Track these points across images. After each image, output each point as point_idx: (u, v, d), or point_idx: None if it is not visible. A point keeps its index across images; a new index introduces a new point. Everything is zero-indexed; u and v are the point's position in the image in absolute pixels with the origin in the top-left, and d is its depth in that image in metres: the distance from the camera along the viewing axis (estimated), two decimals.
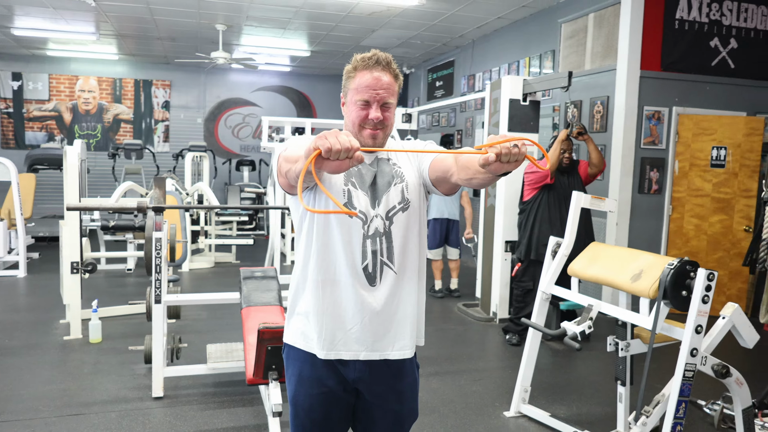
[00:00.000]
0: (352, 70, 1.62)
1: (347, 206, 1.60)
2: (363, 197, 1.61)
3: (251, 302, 3.37)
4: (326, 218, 1.60)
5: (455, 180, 1.59)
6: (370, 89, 1.58)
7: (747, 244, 5.56)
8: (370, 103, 1.58)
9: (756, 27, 5.61)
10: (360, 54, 1.64)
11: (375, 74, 1.58)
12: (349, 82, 1.62)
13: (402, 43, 8.62)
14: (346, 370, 1.64)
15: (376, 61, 1.59)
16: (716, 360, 2.44)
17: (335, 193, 1.60)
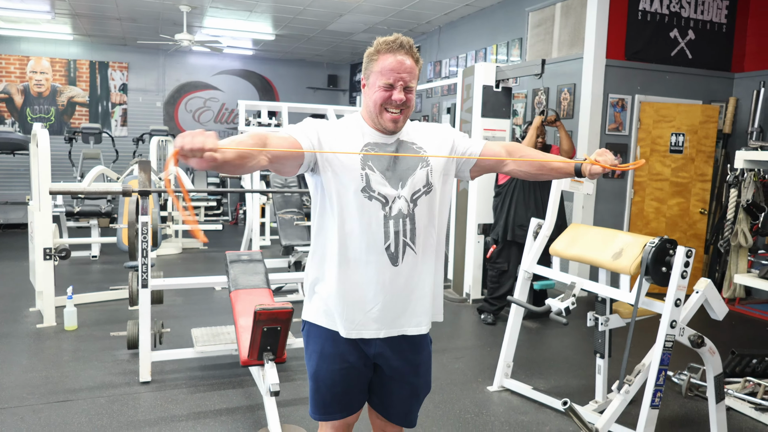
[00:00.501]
0: (374, 53, 1.66)
1: (366, 189, 1.64)
2: (381, 180, 1.65)
3: (239, 285, 3.38)
4: (345, 199, 1.64)
5: (508, 170, 1.85)
6: (394, 72, 1.62)
7: (702, 226, 5.89)
8: (393, 86, 1.63)
9: (712, 19, 5.89)
10: (382, 37, 1.68)
11: (398, 57, 1.63)
12: (372, 64, 1.67)
13: (368, 28, 8.62)
14: (367, 347, 1.71)
15: (399, 44, 1.64)
16: (693, 331, 2.62)
17: (351, 178, 1.63)
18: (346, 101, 12.15)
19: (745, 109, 5.91)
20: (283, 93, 11.72)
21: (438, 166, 1.73)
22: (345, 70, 12.23)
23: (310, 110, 6.01)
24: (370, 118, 1.71)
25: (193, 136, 1.28)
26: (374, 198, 1.64)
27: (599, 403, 3.15)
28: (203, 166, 1.35)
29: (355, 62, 11.73)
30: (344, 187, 1.63)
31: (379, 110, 1.66)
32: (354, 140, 1.68)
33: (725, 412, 2.80)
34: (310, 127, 1.68)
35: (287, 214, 5.48)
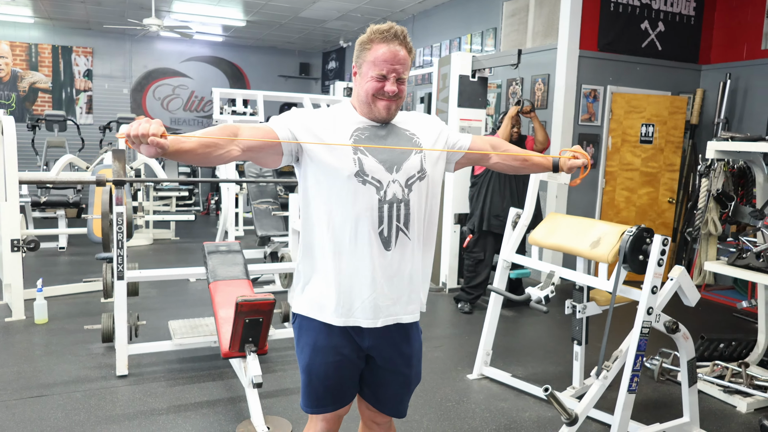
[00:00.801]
0: (367, 41, 1.65)
1: (359, 174, 1.63)
2: (375, 164, 1.64)
3: (218, 276, 3.34)
4: (337, 186, 1.63)
5: (493, 163, 1.93)
6: (387, 63, 1.62)
7: (671, 215, 6.04)
8: (386, 77, 1.63)
9: (681, 12, 6.01)
10: (375, 25, 1.67)
11: (392, 48, 1.62)
12: (365, 53, 1.65)
13: (342, 15, 8.54)
14: (361, 338, 1.70)
15: (394, 34, 1.62)
16: (668, 317, 2.69)
17: (344, 163, 1.62)
18: (318, 90, 12.04)
19: (711, 101, 6.06)
20: (254, 81, 11.56)
21: (432, 153, 1.74)
22: (317, 58, 12.11)
23: (284, 99, 5.94)
24: (360, 107, 1.70)
25: (138, 123, 1.32)
26: (368, 182, 1.63)
27: (577, 388, 3.22)
28: (151, 153, 1.36)
29: (328, 50, 11.63)
30: (336, 173, 1.62)
31: (372, 99, 1.65)
32: (343, 126, 1.67)
33: (697, 395, 2.89)
34: (293, 117, 1.66)
35: (262, 204, 5.43)
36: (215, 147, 1.49)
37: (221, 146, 1.51)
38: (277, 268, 3.85)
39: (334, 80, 11.13)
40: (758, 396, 3.23)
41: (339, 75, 11.04)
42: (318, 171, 1.64)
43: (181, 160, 1.50)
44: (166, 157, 1.44)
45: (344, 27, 9.39)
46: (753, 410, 3.18)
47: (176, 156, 1.43)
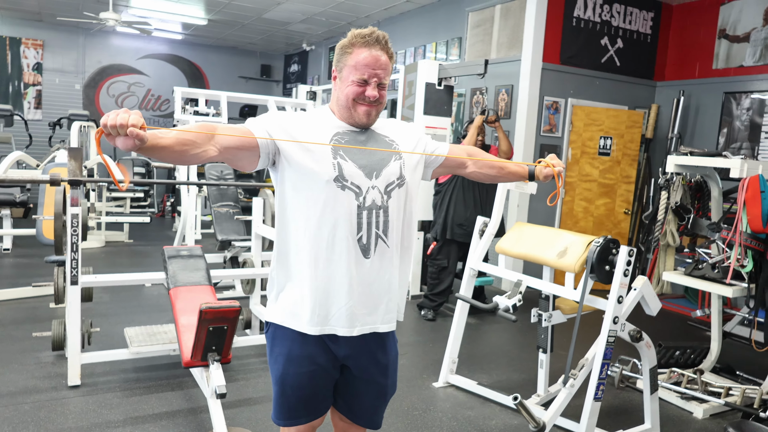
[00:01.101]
0: (348, 45, 1.62)
1: (338, 179, 1.60)
2: (355, 170, 1.61)
3: (179, 282, 3.23)
4: (315, 189, 1.59)
5: (469, 172, 1.93)
6: (368, 68, 1.60)
7: (626, 225, 6.22)
8: (367, 82, 1.60)
9: (638, 30, 6.21)
10: (356, 29, 1.64)
11: (374, 53, 1.60)
12: (346, 57, 1.62)
13: (306, 18, 8.47)
14: (337, 347, 1.66)
15: (375, 39, 1.61)
16: (632, 326, 2.74)
17: (323, 167, 1.59)
18: (279, 92, 11.90)
19: (665, 116, 6.27)
20: (214, 81, 11.33)
21: (410, 161, 1.73)
22: (279, 60, 11.98)
23: (247, 100, 5.83)
24: (339, 112, 1.67)
25: (116, 113, 1.26)
26: (347, 188, 1.60)
27: (541, 396, 3.25)
28: (128, 146, 1.30)
29: (290, 53, 11.51)
30: (314, 177, 1.59)
31: (352, 104, 1.63)
32: (323, 131, 1.64)
33: (658, 402, 2.96)
34: (271, 118, 1.62)
35: (223, 208, 5.30)
36: (192, 145, 1.44)
37: (198, 145, 1.45)
38: (240, 274, 3.76)
39: (296, 83, 11.01)
40: (713, 402, 3.33)
41: (301, 78, 10.94)
42: (295, 175, 1.61)
43: (156, 157, 1.43)
44: (141, 153, 1.36)
45: (308, 30, 9.32)
46: (709, 416, 3.28)
47: (152, 152, 1.36)
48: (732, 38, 5.82)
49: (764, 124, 5.51)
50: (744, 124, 5.67)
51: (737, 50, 5.76)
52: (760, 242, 3.11)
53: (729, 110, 5.80)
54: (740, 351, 4.22)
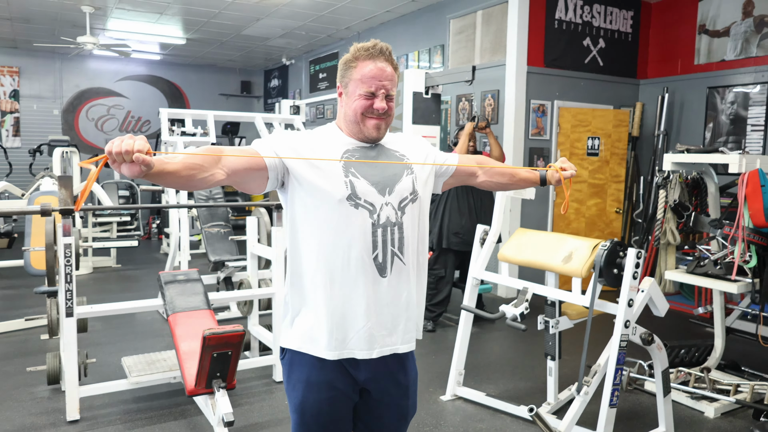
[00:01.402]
0: (352, 59, 1.59)
1: (351, 197, 1.55)
2: (368, 187, 1.57)
3: (178, 308, 3.14)
4: (331, 210, 1.55)
5: (480, 182, 1.88)
6: (375, 80, 1.56)
7: (618, 225, 6.23)
8: (375, 94, 1.56)
9: (619, 29, 6.25)
10: (358, 43, 1.61)
11: (379, 65, 1.57)
12: (351, 71, 1.58)
13: (286, 33, 8.43)
14: (357, 371, 1.61)
15: (379, 51, 1.58)
16: (643, 329, 2.71)
17: (335, 186, 1.54)
18: (261, 108, 11.83)
19: (650, 114, 6.31)
20: (194, 100, 11.23)
21: (422, 174, 1.69)
22: (259, 76, 11.91)
23: (232, 118, 5.76)
24: (348, 128, 1.63)
25: (121, 140, 1.21)
26: (361, 206, 1.56)
27: (552, 404, 3.20)
28: (134, 172, 1.24)
29: (269, 68, 11.45)
30: (326, 196, 1.54)
31: (361, 118, 1.59)
32: (332, 149, 1.59)
33: (671, 404, 2.93)
34: (278, 139, 1.57)
35: (213, 228, 5.21)
36: (200, 169, 1.38)
37: (206, 168, 1.40)
38: (238, 296, 3.68)
39: (278, 98, 10.96)
40: (724, 400, 3.31)
41: (282, 93, 10.88)
42: (306, 195, 1.55)
43: (163, 183, 1.37)
44: (147, 179, 1.30)
45: (288, 45, 9.27)
46: (720, 415, 3.25)
47: (158, 177, 1.31)
48: (712, 33, 5.88)
49: (749, 117, 5.56)
50: (729, 118, 5.72)
51: (718, 45, 5.82)
52: (762, 236, 3.10)
53: (713, 105, 5.85)
54: (743, 346, 4.21)
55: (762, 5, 5.45)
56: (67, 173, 6.60)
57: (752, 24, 5.54)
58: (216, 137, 5.08)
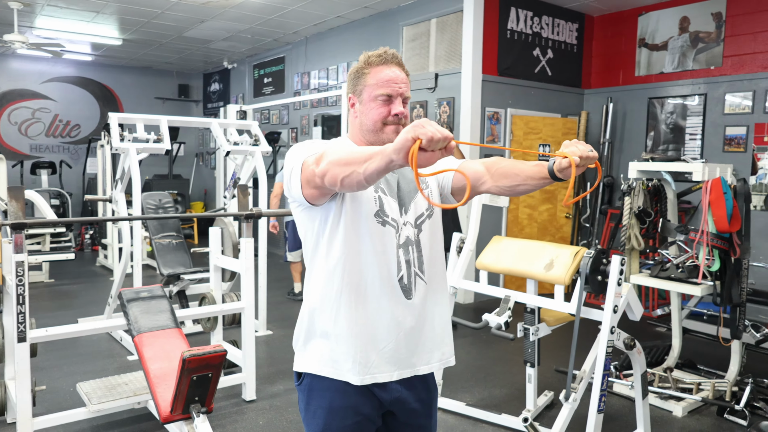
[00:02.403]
0: (365, 66, 1.52)
1: (379, 214, 1.48)
2: (393, 204, 1.52)
3: (143, 328, 2.92)
4: (357, 228, 1.46)
5: (487, 188, 1.63)
6: (391, 83, 1.50)
7: (568, 229, 6.41)
8: (392, 98, 1.49)
9: (565, 40, 6.45)
10: (368, 51, 1.54)
11: (393, 69, 1.52)
12: (364, 78, 1.51)
13: (230, 36, 8.18)
14: (383, 393, 1.52)
15: (392, 56, 1.54)
16: (626, 334, 2.76)
17: (366, 201, 1.47)
18: (200, 113, 11.43)
19: (595, 122, 6.55)
20: (128, 103, 10.71)
21: (436, 187, 1.62)
22: (197, 79, 11.51)
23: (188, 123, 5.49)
24: (365, 139, 1.54)
25: (431, 124, 1.12)
26: (387, 223, 1.49)
27: (531, 411, 3.21)
28: (431, 162, 1.15)
29: (209, 71, 11.09)
30: (357, 213, 1.46)
31: (380, 127, 1.51)
32: None
33: (649, 407, 3.00)
34: (347, 147, 1.48)
35: (164, 239, 4.93)
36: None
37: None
38: (206, 312, 3.48)
39: (218, 103, 10.64)
40: (689, 399, 3.43)
41: (223, 97, 10.55)
42: (343, 209, 1.46)
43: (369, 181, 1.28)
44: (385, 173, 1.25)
45: (231, 48, 9.00)
46: (687, 413, 3.37)
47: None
48: (651, 47, 6.17)
49: (687, 126, 5.87)
50: (669, 127, 6.01)
51: (657, 58, 6.12)
52: (724, 241, 3.24)
53: (654, 114, 6.14)
54: (695, 345, 4.41)
55: (697, 22, 5.77)
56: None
57: (688, 39, 5.86)
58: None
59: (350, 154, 1.29)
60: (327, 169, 1.32)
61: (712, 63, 5.67)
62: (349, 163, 1.27)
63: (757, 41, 5.35)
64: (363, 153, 1.26)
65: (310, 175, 1.37)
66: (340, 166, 1.29)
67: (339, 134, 8.36)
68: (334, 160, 1.31)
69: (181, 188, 9.97)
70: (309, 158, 1.39)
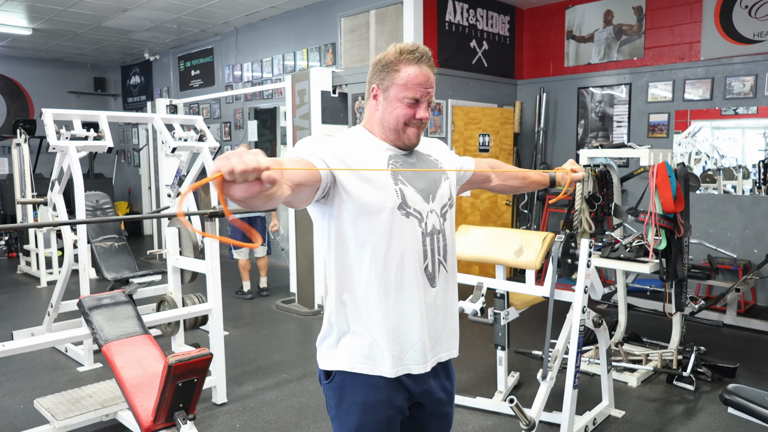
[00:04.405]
0: (395, 62, 1.50)
1: (402, 206, 1.48)
2: (415, 195, 1.52)
3: (110, 336, 2.77)
4: (382, 221, 1.46)
5: (493, 185, 1.89)
6: (421, 87, 1.50)
7: (509, 216, 6.64)
8: (419, 102, 1.50)
9: (499, 32, 6.65)
10: (398, 44, 1.53)
11: (423, 70, 1.51)
12: (393, 75, 1.50)
13: (155, 26, 7.80)
14: (414, 385, 1.54)
15: (423, 54, 1.51)
16: (594, 313, 2.92)
17: (387, 193, 1.46)
18: (119, 107, 10.84)
19: (529, 112, 6.80)
20: (38, 98, 9.98)
21: (453, 179, 1.67)
22: (115, 72, 10.89)
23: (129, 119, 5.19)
24: (384, 134, 1.54)
25: (239, 155, 1.01)
26: (411, 215, 1.50)
27: (503, 392, 3.34)
28: (254, 192, 1.05)
29: (128, 63, 10.52)
30: (377, 207, 1.45)
31: (402, 127, 1.51)
32: (376, 156, 1.51)
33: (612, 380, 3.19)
34: (319, 145, 1.44)
35: (105, 242, 4.67)
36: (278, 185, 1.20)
37: (280, 184, 1.22)
38: (174, 316, 3.33)
39: (140, 96, 10.14)
40: (641, 369, 3.68)
41: (145, 91, 10.06)
42: (355, 207, 1.45)
43: (252, 204, 1.17)
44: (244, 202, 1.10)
45: (153, 38, 8.59)
46: (641, 383, 3.61)
47: (258, 199, 1.12)
48: (579, 39, 6.49)
49: (615, 114, 6.23)
50: (598, 115, 6.35)
51: (584, 49, 6.44)
52: (670, 221, 3.49)
53: (584, 103, 6.46)
54: (636, 320, 4.72)
55: (620, 15, 6.12)
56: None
57: (612, 32, 6.21)
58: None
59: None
60: None
61: (635, 54, 6.03)
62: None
63: (675, 34, 5.76)
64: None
65: None
66: None
67: (273, 128, 8.21)
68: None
69: (104, 188, 9.38)
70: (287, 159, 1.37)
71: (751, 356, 4.02)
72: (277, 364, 3.98)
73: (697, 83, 5.56)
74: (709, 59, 5.45)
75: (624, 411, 3.21)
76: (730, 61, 5.32)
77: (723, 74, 5.37)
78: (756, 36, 5.19)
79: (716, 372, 3.64)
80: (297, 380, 3.68)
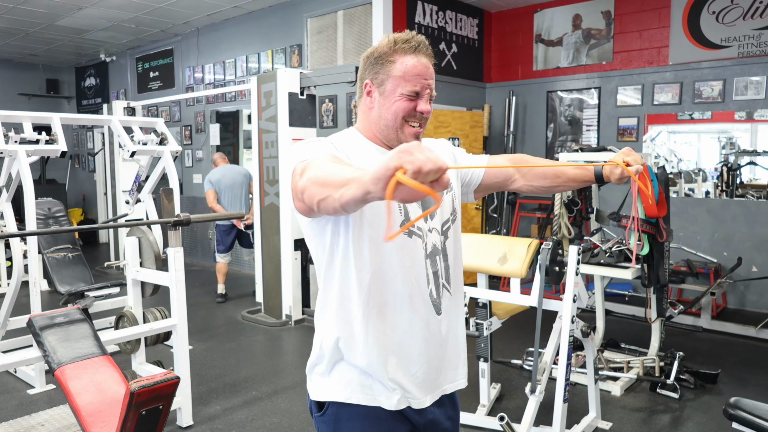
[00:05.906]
0: (390, 53, 1.35)
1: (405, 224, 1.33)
2: (418, 210, 1.37)
3: (64, 359, 2.52)
4: (382, 243, 1.30)
5: (517, 187, 1.61)
6: (420, 78, 1.34)
7: (479, 220, 6.56)
8: (419, 95, 1.34)
9: (467, 35, 6.57)
10: (394, 34, 1.37)
11: (422, 60, 1.36)
12: (388, 67, 1.34)
13: (112, 26, 7.45)
14: (417, 417, 1.38)
15: (421, 43, 1.36)
16: (583, 323, 2.82)
17: (391, 210, 1.31)
18: (73, 109, 10.36)
19: (498, 115, 6.74)
20: None
21: (457, 188, 1.50)
22: (69, 74, 10.41)
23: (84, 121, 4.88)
24: (382, 134, 1.38)
25: (423, 151, 0.86)
26: (414, 234, 1.34)
27: (486, 406, 3.21)
28: (416, 198, 0.89)
29: (83, 65, 10.07)
30: (380, 225, 1.29)
31: (401, 124, 1.35)
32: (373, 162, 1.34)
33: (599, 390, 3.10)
34: (328, 148, 1.28)
35: (59, 253, 4.35)
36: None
37: None
38: (135, 333, 3.07)
39: (96, 99, 9.71)
40: (624, 377, 3.61)
41: (101, 93, 9.64)
42: (359, 222, 1.28)
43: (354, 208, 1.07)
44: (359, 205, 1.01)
45: (110, 39, 8.22)
46: (624, 392, 3.54)
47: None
48: (547, 42, 6.46)
49: (584, 118, 6.22)
50: (567, 119, 6.34)
51: (553, 53, 6.42)
52: (652, 226, 3.43)
53: (553, 107, 6.44)
54: (612, 325, 4.67)
55: (588, 19, 6.12)
56: None
57: (581, 36, 6.20)
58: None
59: (330, 173, 1.08)
60: (306, 186, 1.12)
61: (603, 58, 6.04)
62: (326, 183, 1.06)
63: (643, 38, 5.78)
64: (342, 175, 1.04)
65: (294, 188, 1.19)
66: (317, 186, 1.08)
67: (236, 131, 7.95)
68: (314, 177, 1.10)
69: (57, 195, 8.95)
70: (299, 165, 1.19)
71: (730, 361, 4.00)
72: (245, 380, 3.76)
73: (666, 87, 5.58)
74: (678, 64, 5.48)
75: (611, 422, 3.11)
76: (698, 65, 5.36)
77: (692, 79, 5.40)
78: (723, 41, 5.23)
79: (698, 378, 3.59)
80: (267, 398, 3.47)
